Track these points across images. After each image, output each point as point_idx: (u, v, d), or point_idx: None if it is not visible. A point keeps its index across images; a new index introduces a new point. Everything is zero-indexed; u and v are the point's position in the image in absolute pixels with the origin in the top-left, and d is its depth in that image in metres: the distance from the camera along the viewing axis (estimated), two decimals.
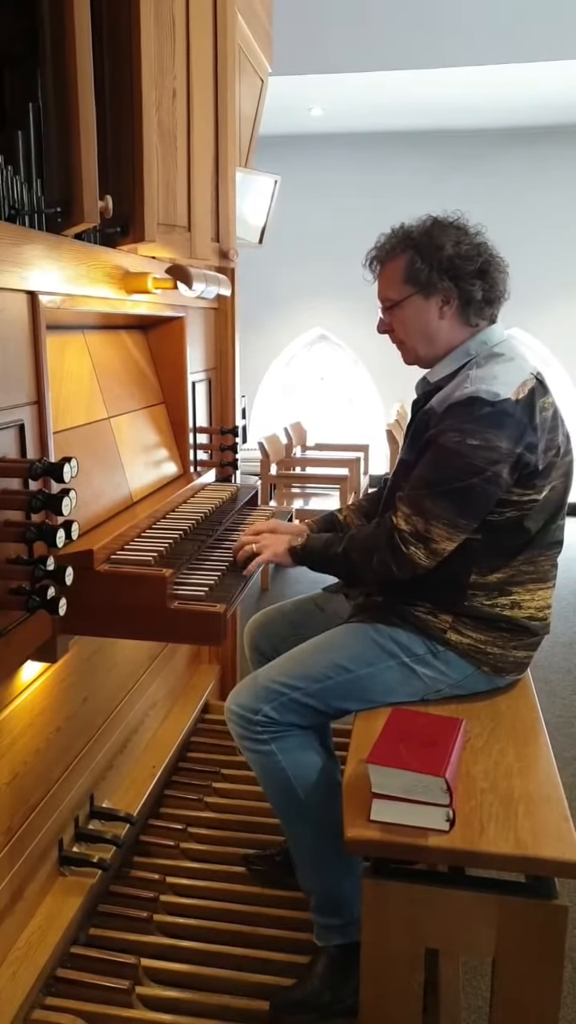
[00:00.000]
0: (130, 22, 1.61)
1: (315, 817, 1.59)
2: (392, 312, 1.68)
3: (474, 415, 1.49)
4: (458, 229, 1.64)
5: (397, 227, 1.68)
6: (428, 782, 1.24)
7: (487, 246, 1.64)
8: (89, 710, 1.88)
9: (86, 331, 1.84)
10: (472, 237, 1.63)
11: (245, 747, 1.62)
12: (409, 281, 1.63)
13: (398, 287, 1.65)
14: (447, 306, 1.63)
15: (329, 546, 1.68)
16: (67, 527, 1.32)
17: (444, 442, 1.51)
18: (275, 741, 1.58)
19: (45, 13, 1.37)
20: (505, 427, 1.48)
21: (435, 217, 1.67)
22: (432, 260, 1.60)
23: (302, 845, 1.64)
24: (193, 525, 1.84)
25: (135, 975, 1.64)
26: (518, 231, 6.58)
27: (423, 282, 1.61)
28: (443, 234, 1.62)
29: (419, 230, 1.65)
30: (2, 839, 1.51)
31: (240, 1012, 1.58)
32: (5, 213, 1.31)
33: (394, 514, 1.56)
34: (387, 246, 1.67)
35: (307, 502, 5.23)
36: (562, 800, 1.33)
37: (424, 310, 1.64)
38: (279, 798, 1.62)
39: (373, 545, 1.58)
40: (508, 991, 1.26)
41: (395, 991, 1.30)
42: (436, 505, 1.51)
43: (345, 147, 6.84)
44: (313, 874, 1.63)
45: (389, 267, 1.67)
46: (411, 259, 1.62)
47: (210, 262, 2.28)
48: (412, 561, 1.54)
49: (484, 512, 1.53)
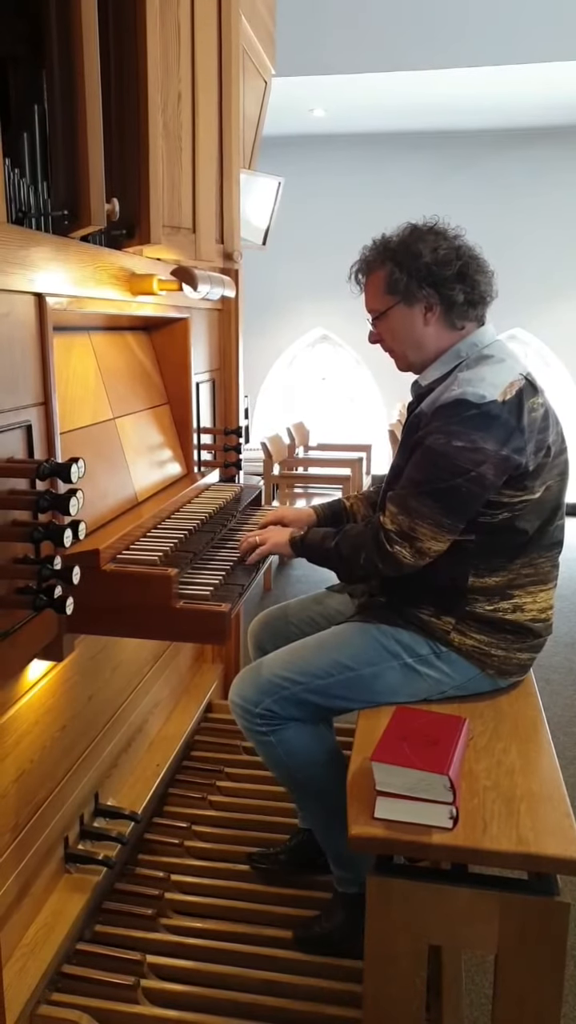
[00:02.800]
0: (136, 25, 1.62)
1: (319, 794, 1.69)
2: (379, 322, 1.70)
3: (460, 417, 1.50)
4: (436, 234, 1.64)
5: (378, 238, 1.69)
6: (432, 780, 1.25)
7: (466, 248, 1.64)
8: (94, 709, 1.89)
9: (92, 332, 1.85)
10: (450, 241, 1.63)
11: (248, 736, 1.70)
12: (391, 292, 1.65)
13: (381, 298, 1.67)
14: (431, 312, 1.64)
15: (325, 539, 1.71)
16: (74, 527, 1.33)
17: (430, 443, 1.53)
18: (275, 733, 1.64)
19: (52, 16, 1.38)
20: (491, 428, 1.49)
21: (413, 224, 1.67)
22: (410, 269, 1.61)
23: (312, 815, 1.76)
24: (197, 525, 1.85)
25: (140, 971, 1.65)
26: (519, 231, 6.59)
27: (403, 291, 1.63)
28: (420, 241, 1.62)
29: (397, 240, 1.66)
30: (9, 836, 1.52)
31: (245, 1008, 1.59)
32: (12, 216, 1.32)
33: (382, 513, 1.60)
34: (367, 259, 1.69)
35: (310, 502, 5.24)
36: (564, 798, 1.34)
37: (409, 318, 1.65)
38: (283, 778, 1.73)
39: (362, 542, 1.62)
40: (511, 988, 1.27)
41: (398, 987, 1.31)
42: (421, 504, 1.53)
43: (347, 148, 6.85)
44: (325, 836, 1.73)
45: (371, 279, 1.69)
46: (390, 270, 1.64)
47: (214, 264, 2.30)
48: (397, 560, 1.56)
49: (469, 512, 1.54)
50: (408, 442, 1.63)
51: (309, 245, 6.88)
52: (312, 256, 6.89)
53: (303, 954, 1.71)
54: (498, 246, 1.69)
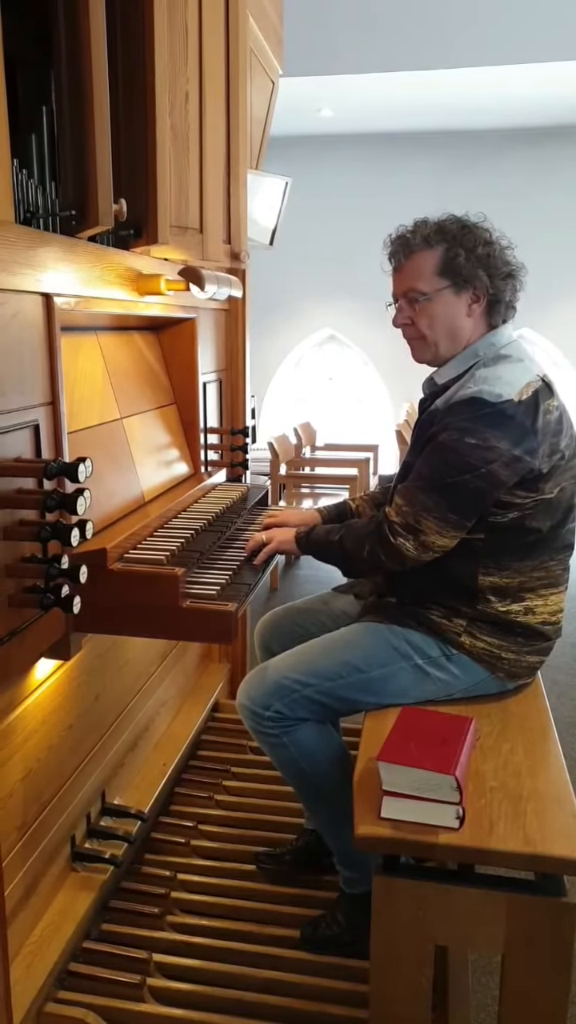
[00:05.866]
0: (144, 26, 1.62)
1: (329, 795, 1.67)
2: (420, 305, 1.64)
3: (474, 414, 1.50)
4: (485, 231, 1.64)
5: (420, 220, 1.66)
6: (438, 780, 1.25)
7: (514, 252, 1.66)
8: (101, 708, 1.89)
9: (99, 332, 1.86)
10: (499, 240, 1.65)
11: (257, 738, 1.69)
12: (445, 273, 1.61)
13: (429, 279, 1.62)
14: (476, 303, 1.63)
15: (330, 534, 1.71)
16: (81, 526, 1.33)
17: (443, 439, 1.53)
18: (286, 735, 1.63)
19: (60, 16, 1.38)
20: (505, 428, 1.49)
21: (458, 216, 1.65)
22: (471, 254, 1.59)
23: (320, 816, 1.75)
24: (204, 525, 1.85)
25: (147, 970, 1.65)
26: (526, 231, 6.53)
27: (464, 275, 1.60)
28: (476, 232, 1.62)
29: (453, 225, 1.63)
30: (16, 834, 1.52)
31: (250, 1006, 1.59)
32: (21, 216, 1.33)
33: (389, 506, 1.60)
34: (418, 237, 1.63)
35: (316, 502, 5.24)
36: (571, 798, 1.34)
37: (454, 305, 1.63)
38: (294, 781, 1.71)
39: (366, 534, 1.62)
40: (517, 988, 1.27)
41: (405, 987, 1.31)
42: (428, 498, 1.53)
43: (354, 148, 6.85)
44: (333, 837, 1.72)
45: (418, 258, 1.63)
46: (450, 251, 1.60)
47: (222, 264, 2.30)
48: (399, 552, 1.56)
49: (477, 510, 1.54)
50: (421, 438, 1.63)
51: (317, 245, 6.88)
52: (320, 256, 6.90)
53: (309, 954, 1.71)
54: None
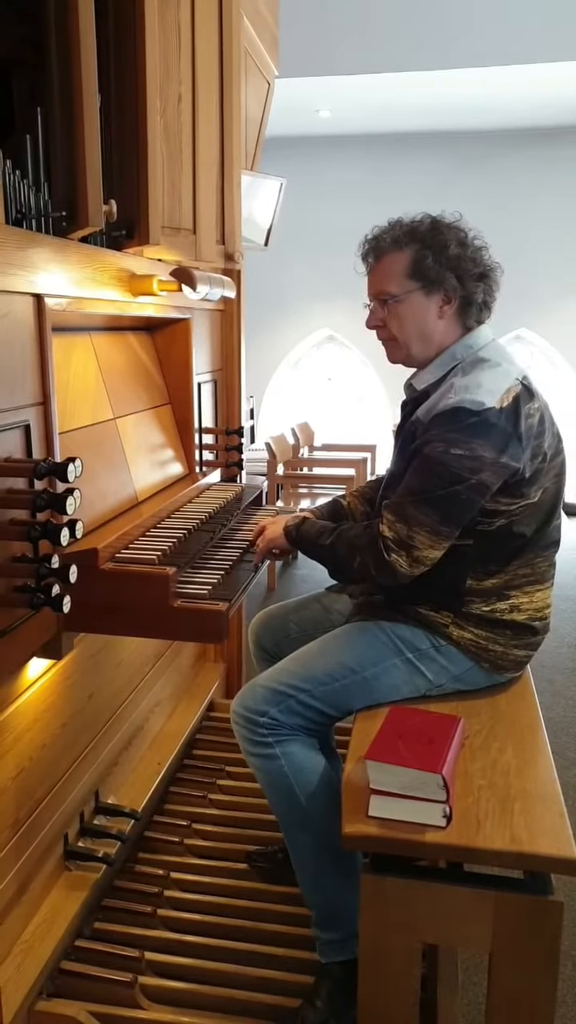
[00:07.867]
0: (135, 27, 1.63)
1: (317, 824, 1.58)
2: (390, 307, 1.64)
3: (458, 425, 1.49)
4: (459, 231, 1.63)
5: (394, 221, 1.65)
6: (425, 778, 1.25)
7: (488, 252, 1.64)
8: (94, 707, 1.90)
9: (92, 332, 1.86)
10: (473, 241, 1.64)
11: (249, 751, 1.61)
12: (413, 276, 1.60)
13: (399, 281, 1.62)
14: (447, 305, 1.62)
15: (321, 534, 1.69)
16: (71, 526, 1.34)
17: (429, 452, 1.52)
18: (279, 744, 1.58)
19: (51, 19, 1.39)
20: (489, 436, 1.48)
21: (433, 216, 1.65)
22: (440, 257, 1.58)
23: (303, 854, 1.62)
24: (197, 524, 1.86)
25: (139, 968, 1.66)
26: (525, 232, 6.58)
27: (431, 278, 1.59)
28: (448, 232, 1.61)
29: (424, 226, 1.62)
30: (8, 833, 1.53)
31: (242, 1005, 1.60)
32: (12, 217, 1.33)
33: (380, 521, 1.57)
34: (388, 238, 1.63)
35: (314, 502, 5.24)
36: (559, 797, 1.35)
37: (424, 307, 1.62)
38: (281, 804, 1.61)
39: (358, 546, 1.59)
40: (505, 986, 1.28)
41: (393, 986, 1.32)
42: (419, 512, 1.51)
43: (352, 148, 6.85)
44: (314, 886, 1.62)
45: (388, 260, 1.63)
46: (418, 254, 1.59)
47: (215, 264, 2.31)
48: (393, 568, 1.54)
49: (466, 519, 1.53)
50: (405, 450, 1.63)
51: (315, 245, 6.89)
52: (318, 256, 6.90)
53: (301, 952, 1.71)
54: (504, 246, 1.67)
